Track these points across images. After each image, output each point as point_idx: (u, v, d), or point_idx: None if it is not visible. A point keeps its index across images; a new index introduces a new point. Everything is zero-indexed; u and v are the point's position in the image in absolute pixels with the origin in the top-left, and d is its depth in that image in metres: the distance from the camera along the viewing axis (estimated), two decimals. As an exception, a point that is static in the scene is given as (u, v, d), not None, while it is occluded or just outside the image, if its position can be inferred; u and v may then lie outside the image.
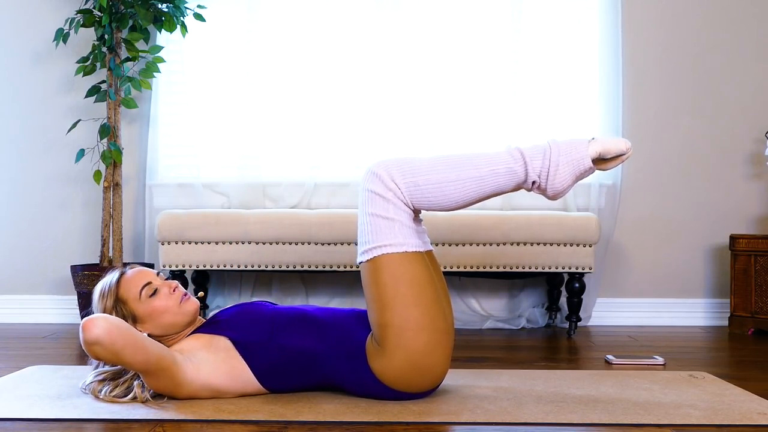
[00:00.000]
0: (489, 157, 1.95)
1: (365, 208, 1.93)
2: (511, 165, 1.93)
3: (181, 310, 1.97)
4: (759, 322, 3.36)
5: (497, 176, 1.93)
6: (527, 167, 1.93)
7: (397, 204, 1.91)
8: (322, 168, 3.62)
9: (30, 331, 3.31)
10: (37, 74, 3.67)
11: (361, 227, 1.95)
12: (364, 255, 1.93)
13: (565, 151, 1.94)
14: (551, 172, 1.92)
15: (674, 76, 3.71)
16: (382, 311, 1.90)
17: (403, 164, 1.92)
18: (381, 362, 1.90)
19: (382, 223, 1.90)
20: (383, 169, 1.91)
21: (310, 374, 1.97)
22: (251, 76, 3.62)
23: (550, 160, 1.92)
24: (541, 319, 3.58)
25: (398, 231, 1.91)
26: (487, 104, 3.64)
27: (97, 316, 1.78)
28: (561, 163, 1.92)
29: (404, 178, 1.90)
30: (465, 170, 1.93)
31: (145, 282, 1.96)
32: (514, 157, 1.94)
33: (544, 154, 1.93)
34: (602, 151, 1.95)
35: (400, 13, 3.63)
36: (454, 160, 1.94)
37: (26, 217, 3.68)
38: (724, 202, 3.70)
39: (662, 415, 1.86)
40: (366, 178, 1.94)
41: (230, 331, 1.95)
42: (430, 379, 1.95)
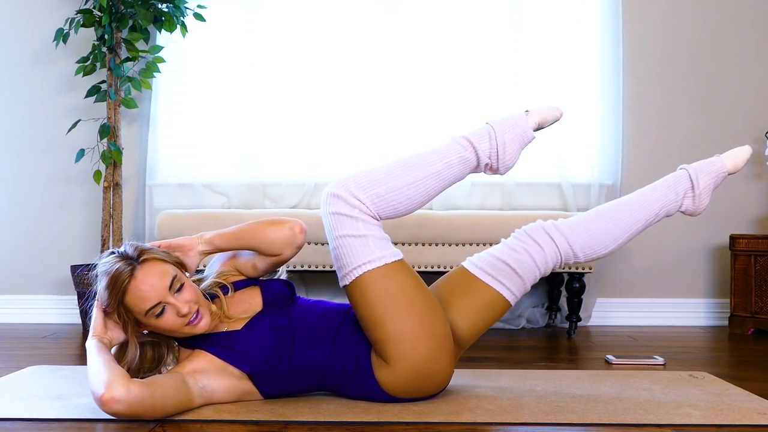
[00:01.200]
0: (439, 151, 2.00)
1: (334, 232, 1.88)
2: (462, 153, 1.98)
3: (187, 331, 1.84)
4: (759, 322, 3.36)
5: (452, 167, 1.98)
6: (477, 152, 1.99)
7: (366, 219, 1.88)
8: (322, 168, 3.62)
9: (30, 331, 3.31)
10: (37, 74, 3.68)
11: (334, 252, 1.90)
12: (345, 278, 1.90)
13: (508, 128, 2.01)
14: (500, 151, 2.00)
15: (674, 76, 3.71)
16: (376, 328, 1.87)
17: (360, 179, 1.90)
18: (386, 374, 1.90)
19: (355, 243, 1.87)
20: (342, 189, 1.88)
21: (313, 385, 1.97)
22: (251, 76, 3.62)
23: (496, 140, 1.99)
24: (541, 319, 3.58)
25: (373, 245, 1.88)
26: (487, 104, 3.63)
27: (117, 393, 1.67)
28: (507, 140, 2.00)
29: (366, 192, 1.88)
30: (421, 169, 1.95)
31: (155, 303, 1.78)
32: (462, 145, 1.99)
33: (489, 136, 2.00)
34: (540, 121, 2.06)
35: (400, 14, 3.63)
36: (408, 163, 1.96)
37: (26, 217, 3.68)
38: (724, 202, 3.70)
39: (662, 415, 1.86)
40: (327, 202, 1.89)
41: (247, 365, 1.88)
42: (436, 384, 1.95)
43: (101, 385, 1.69)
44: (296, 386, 1.96)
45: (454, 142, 2.00)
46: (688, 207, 2.17)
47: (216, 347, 1.88)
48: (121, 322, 1.84)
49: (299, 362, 1.90)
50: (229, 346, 1.88)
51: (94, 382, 1.71)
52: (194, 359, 1.87)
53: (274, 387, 1.94)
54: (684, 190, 2.15)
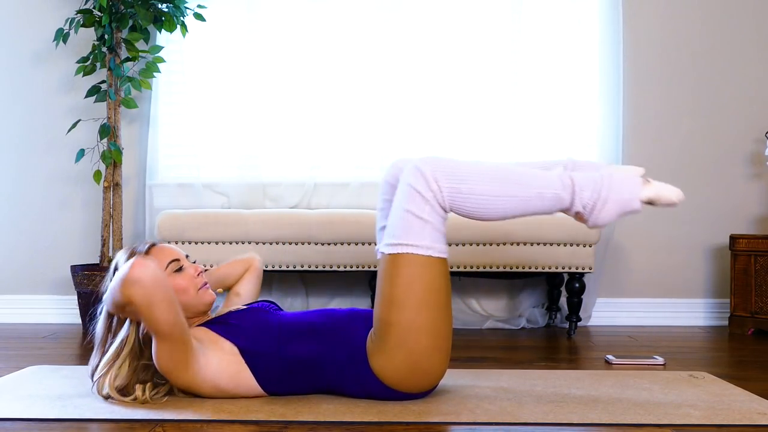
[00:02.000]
0: (538, 178, 1.91)
1: (402, 203, 1.89)
2: (559, 192, 1.90)
3: (199, 296, 2.00)
4: (759, 322, 3.36)
5: (542, 200, 1.90)
6: (575, 197, 1.90)
7: (435, 206, 1.88)
8: (322, 168, 3.62)
9: (30, 331, 3.31)
10: (37, 74, 3.68)
11: (393, 219, 1.91)
12: (389, 248, 1.90)
13: (616, 188, 1.91)
14: (597, 207, 1.90)
15: (674, 77, 3.71)
16: (391, 308, 1.88)
17: (449, 167, 1.88)
18: (380, 360, 1.90)
19: (415, 222, 1.87)
20: (429, 169, 1.87)
21: (313, 380, 1.97)
22: (251, 77, 3.62)
23: (599, 194, 1.89)
24: (541, 319, 3.58)
25: (428, 234, 1.88)
26: (487, 104, 3.64)
27: (150, 260, 1.76)
28: (610, 199, 1.89)
29: (449, 182, 1.86)
30: (511, 187, 1.88)
31: (174, 258, 1.99)
32: (564, 184, 1.91)
33: (594, 187, 1.90)
34: (654, 197, 1.95)
35: (401, 14, 3.63)
36: (501, 174, 1.89)
37: (26, 216, 3.68)
38: (724, 202, 3.70)
39: (662, 415, 1.86)
40: (409, 173, 1.89)
41: (239, 338, 1.94)
42: (427, 380, 1.95)
43: (135, 258, 1.77)
44: (293, 381, 1.96)
45: (558, 178, 1.92)
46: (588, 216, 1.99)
47: (211, 324, 1.99)
48: None
49: (290, 352, 1.93)
50: (223, 322, 1.99)
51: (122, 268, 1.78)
52: (193, 331, 1.95)
53: (271, 378, 1.94)
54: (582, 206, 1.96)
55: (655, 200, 1.94)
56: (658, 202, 1.95)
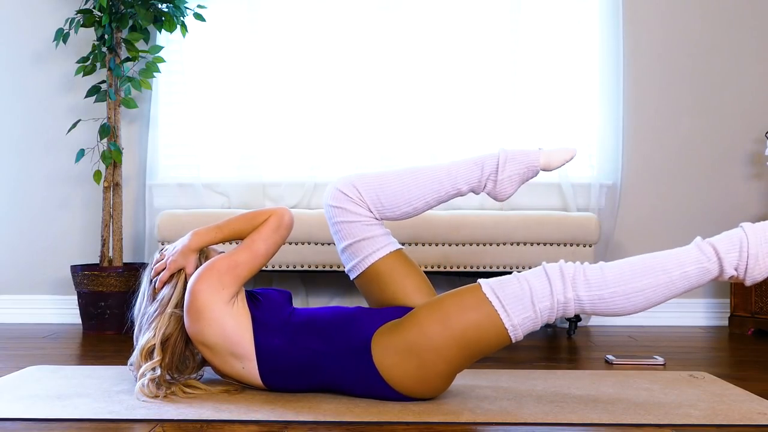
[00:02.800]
0: (678, 257, 1.86)
1: (535, 282, 1.87)
2: (704, 264, 1.85)
3: None
4: (759, 322, 3.36)
5: (688, 279, 1.85)
6: (722, 264, 1.84)
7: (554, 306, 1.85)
8: (322, 168, 3.62)
9: (30, 331, 3.31)
10: (37, 74, 3.68)
11: (522, 275, 1.89)
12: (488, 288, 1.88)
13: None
14: (750, 265, 1.83)
15: (674, 76, 3.71)
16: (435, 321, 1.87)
17: (590, 274, 1.85)
18: (390, 356, 1.89)
19: (527, 302, 1.86)
20: (569, 272, 1.85)
21: (313, 375, 1.97)
22: (251, 77, 3.62)
23: (748, 253, 1.82)
24: (541, 319, 3.57)
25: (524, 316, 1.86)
26: (487, 104, 3.63)
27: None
28: (761, 253, 1.82)
29: (588, 292, 1.83)
30: (655, 277, 1.83)
31: None
32: (706, 254, 1.85)
33: (740, 247, 1.83)
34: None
35: (400, 15, 3.63)
36: (644, 266, 1.85)
37: (26, 216, 3.68)
38: (724, 202, 3.70)
39: (662, 415, 1.86)
40: (552, 269, 1.87)
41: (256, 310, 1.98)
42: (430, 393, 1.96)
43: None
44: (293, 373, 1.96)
45: (696, 248, 1.88)
46: (490, 190, 2.11)
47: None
48: None
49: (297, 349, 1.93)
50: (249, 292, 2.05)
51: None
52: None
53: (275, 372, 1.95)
54: (489, 171, 2.08)
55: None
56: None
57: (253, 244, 1.98)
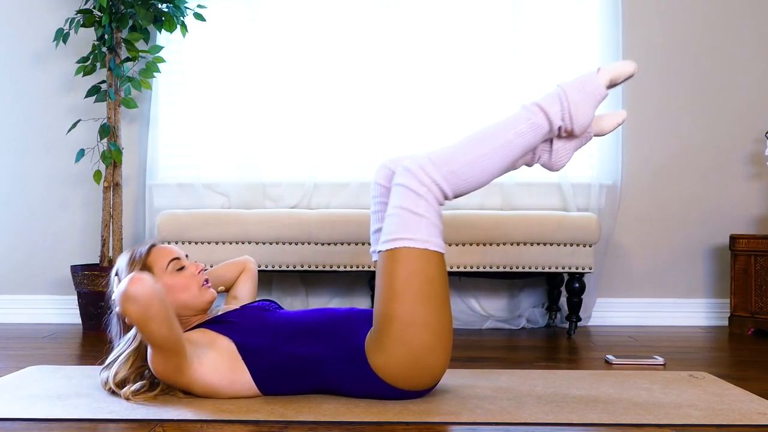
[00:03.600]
0: (508, 121, 2.00)
1: (396, 201, 1.94)
2: (532, 119, 1.98)
3: (200, 294, 2.02)
4: (759, 322, 3.36)
5: (523, 135, 1.98)
6: (549, 116, 1.99)
7: (430, 201, 1.92)
8: (322, 168, 3.62)
9: (30, 331, 3.31)
10: (37, 74, 3.68)
11: (388, 218, 1.95)
12: (386, 244, 1.93)
13: (578, 88, 2.01)
14: (573, 111, 1.99)
15: (674, 76, 3.71)
16: (390, 303, 1.89)
17: (434, 157, 1.94)
18: (381, 357, 1.90)
19: (409, 217, 1.91)
20: (416, 165, 1.93)
21: (309, 379, 1.97)
22: (251, 77, 3.62)
23: (568, 101, 1.99)
24: (541, 319, 3.58)
25: (424, 228, 1.91)
26: (487, 105, 3.64)
27: (147, 276, 1.76)
28: (579, 100, 1.99)
29: (439, 171, 1.92)
30: (491, 140, 1.97)
31: (174, 257, 2.02)
32: (532, 111, 1.99)
33: (559, 98, 1.99)
34: (613, 77, 2.05)
35: (400, 14, 3.63)
36: (478, 136, 1.98)
37: (26, 217, 3.68)
38: (724, 202, 3.70)
39: (662, 415, 1.86)
40: (400, 174, 1.95)
41: (236, 334, 1.95)
42: (429, 377, 1.94)
43: (132, 274, 1.78)
44: (291, 381, 1.96)
45: (524, 109, 2.01)
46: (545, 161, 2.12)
47: (210, 324, 2.00)
48: None
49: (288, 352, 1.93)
50: (221, 320, 2.00)
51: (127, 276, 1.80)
52: (190, 334, 1.96)
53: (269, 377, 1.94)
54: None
55: (615, 79, 2.06)
56: (618, 79, 2.07)
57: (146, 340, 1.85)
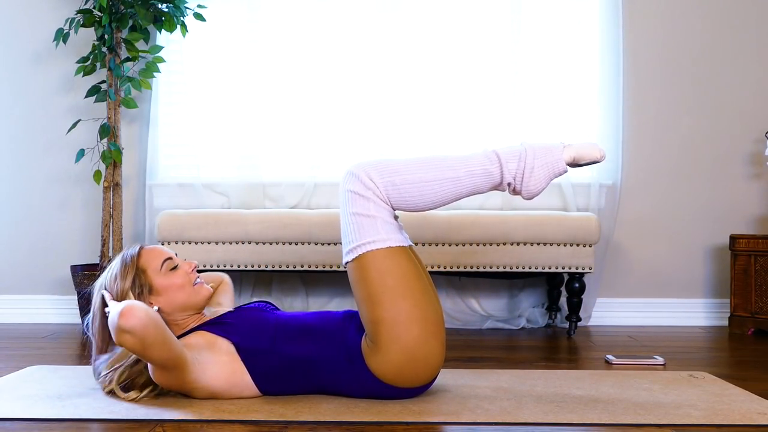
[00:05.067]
0: (465, 158, 2.01)
1: (346, 208, 1.96)
2: (487, 167, 1.99)
3: (195, 291, 2.01)
4: (759, 322, 3.36)
5: (473, 177, 1.98)
6: (503, 169, 1.99)
7: (377, 202, 1.94)
8: (322, 168, 3.62)
9: (30, 331, 3.31)
10: (37, 74, 3.67)
11: (344, 228, 1.97)
12: (350, 254, 1.95)
13: (540, 155, 2.00)
14: (526, 175, 1.99)
15: (674, 77, 3.71)
16: (373, 307, 1.91)
17: (380, 165, 1.96)
18: (377, 359, 1.91)
19: (364, 221, 1.93)
20: (361, 170, 1.95)
21: (309, 380, 1.98)
22: (251, 77, 3.62)
23: (525, 163, 1.98)
24: (541, 319, 3.58)
25: (380, 227, 1.93)
26: (487, 104, 3.63)
27: (136, 306, 1.75)
28: (536, 165, 1.99)
29: (382, 178, 1.94)
30: (442, 171, 1.97)
31: (167, 257, 2.01)
32: (490, 159, 2.00)
33: (519, 157, 1.99)
34: (576, 156, 2.05)
35: (401, 15, 3.63)
36: (431, 162, 1.99)
37: (26, 217, 3.68)
38: (724, 202, 3.70)
39: (662, 415, 1.86)
40: (345, 180, 1.97)
41: (235, 335, 1.95)
42: (427, 370, 1.95)
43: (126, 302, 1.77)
44: (291, 381, 1.96)
45: (483, 154, 2.01)
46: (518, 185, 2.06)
47: (208, 326, 1.99)
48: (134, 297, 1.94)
49: (286, 353, 1.94)
50: (220, 322, 1.99)
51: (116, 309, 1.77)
52: (188, 338, 1.95)
53: (269, 378, 1.94)
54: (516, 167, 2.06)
55: (578, 159, 2.05)
56: (581, 160, 2.06)
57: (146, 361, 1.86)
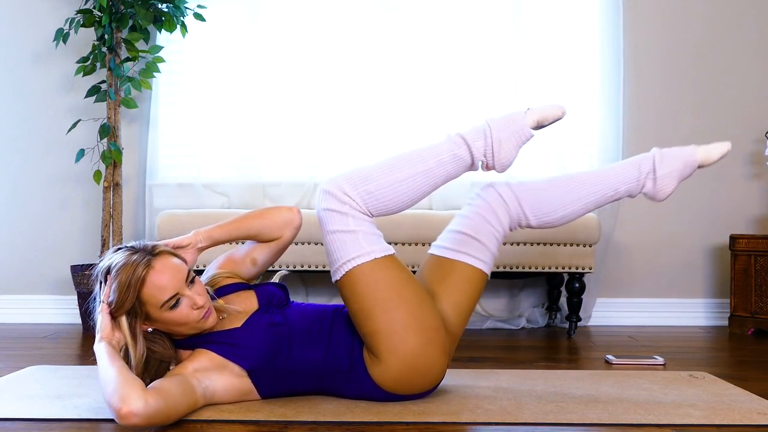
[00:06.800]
0: (432, 148, 1.99)
1: (326, 227, 1.92)
2: (455, 151, 1.97)
3: (197, 326, 1.84)
4: (759, 322, 3.36)
5: (444, 165, 1.97)
6: (471, 149, 1.97)
7: (356, 215, 1.90)
8: (322, 168, 3.62)
9: (30, 331, 3.31)
10: (37, 74, 3.67)
11: (327, 247, 1.93)
12: (337, 273, 1.92)
13: (504, 126, 2.00)
14: (495, 149, 1.98)
15: (674, 76, 3.71)
16: (366, 321, 1.89)
17: (351, 175, 1.93)
18: (379, 370, 1.90)
19: (345, 237, 1.90)
20: (334, 186, 1.91)
21: (312, 385, 1.97)
22: (251, 77, 3.62)
23: (492, 138, 1.97)
24: (541, 319, 3.58)
25: (362, 240, 1.90)
26: (487, 104, 3.63)
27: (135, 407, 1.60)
28: (503, 138, 1.98)
29: (356, 189, 1.90)
30: (413, 167, 1.95)
31: (173, 294, 1.78)
32: (455, 143, 1.98)
33: (484, 134, 1.98)
34: (540, 119, 2.05)
35: (400, 14, 3.64)
36: (399, 160, 1.97)
37: (26, 216, 3.68)
38: (724, 202, 3.70)
39: (662, 415, 1.86)
40: (319, 199, 1.93)
41: (247, 361, 1.88)
42: (429, 378, 1.94)
43: (118, 399, 1.61)
44: (294, 386, 1.96)
45: (448, 140, 2.00)
46: (649, 189, 2.12)
47: (217, 345, 1.88)
48: (128, 321, 1.80)
49: (296, 361, 1.92)
50: (229, 343, 1.88)
51: (111, 395, 1.63)
52: (195, 358, 1.86)
53: (273, 386, 1.94)
54: (647, 170, 2.11)
55: (541, 121, 2.06)
56: (545, 121, 2.07)
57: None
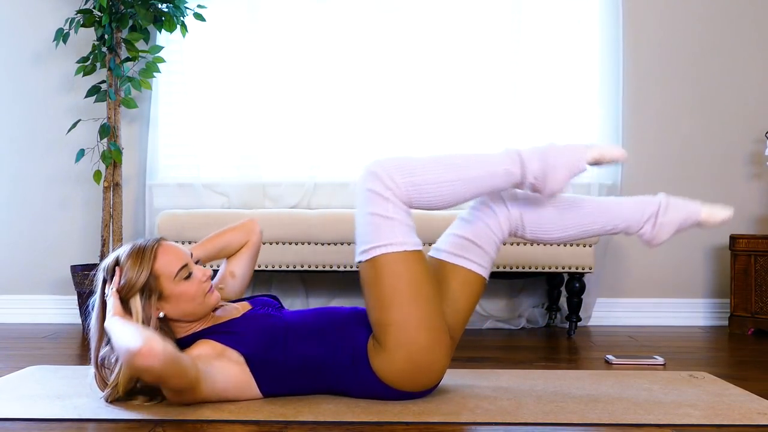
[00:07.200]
0: (487, 158, 1.99)
1: (364, 207, 1.93)
2: (509, 167, 1.97)
3: (205, 301, 1.94)
4: (759, 322, 3.36)
5: (494, 177, 1.97)
6: (524, 169, 1.97)
7: (396, 203, 1.91)
8: (322, 168, 3.62)
9: (30, 331, 3.31)
10: (37, 74, 3.67)
11: (360, 227, 1.95)
12: (364, 255, 1.93)
13: (563, 153, 1.99)
14: (549, 174, 1.96)
15: (674, 77, 3.71)
16: (383, 310, 1.90)
17: (401, 163, 1.93)
18: (381, 360, 1.91)
19: (381, 222, 1.91)
20: (381, 169, 1.92)
21: (313, 382, 1.97)
22: (251, 77, 3.62)
23: (547, 162, 1.96)
24: (541, 319, 3.58)
25: (398, 230, 1.91)
26: (487, 104, 3.64)
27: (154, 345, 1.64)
28: (559, 164, 1.97)
29: (403, 177, 1.91)
30: (462, 171, 1.95)
31: (184, 264, 1.91)
32: (512, 159, 1.98)
33: (541, 157, 1.97)
34: (599, 156, 2.03)
35: (400, 15, 3.63)
36: (452, 161, 1.97)
37: (26, 216, 3.68)
38: (724, 202, 3.67)
39: (662, 415, 1.86)
40: (364, 178, 1.94)
41: (245, 347, 1.91)
42: (431, 376, 1.95)
43: (139, 339, 1.66)
44: (294, 382, 1.96)
45: (506, 154, 1.99)
46: (647, 233, 2.12)
47: (216, 335, 1.94)
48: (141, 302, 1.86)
49: (294, 356, 1.93)
50: (228, 331, 1.94)
51: (129, 340, 1.67)
52: (196, 347, 1.91)
53: (273, 381, 1.94)
54: (650, 214, 2.11)
55: (600, 159, 2.03)
56: (603, 159, 2.04)
57: None
